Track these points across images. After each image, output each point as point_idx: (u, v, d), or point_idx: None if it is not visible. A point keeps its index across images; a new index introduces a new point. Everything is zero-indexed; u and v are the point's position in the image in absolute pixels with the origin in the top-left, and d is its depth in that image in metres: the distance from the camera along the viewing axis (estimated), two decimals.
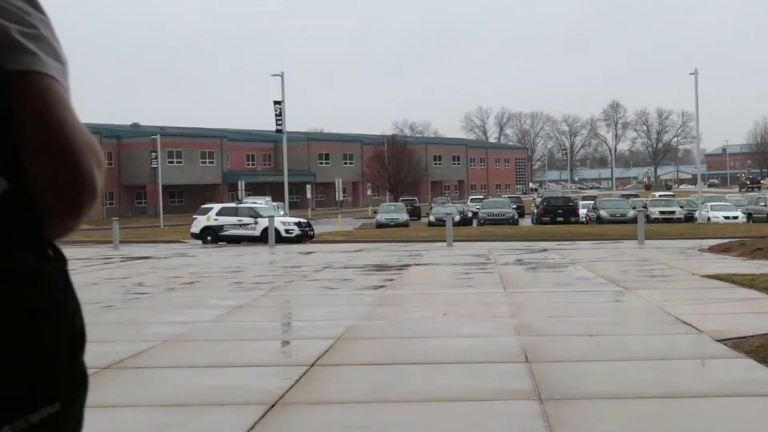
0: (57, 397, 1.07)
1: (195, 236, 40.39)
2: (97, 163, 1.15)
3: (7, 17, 1.14)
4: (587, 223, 52.94)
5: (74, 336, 1.11)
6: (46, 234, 1.08)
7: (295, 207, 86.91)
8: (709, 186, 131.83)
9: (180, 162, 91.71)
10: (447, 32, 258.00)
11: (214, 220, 40.04)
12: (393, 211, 58.75)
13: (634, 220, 39.84)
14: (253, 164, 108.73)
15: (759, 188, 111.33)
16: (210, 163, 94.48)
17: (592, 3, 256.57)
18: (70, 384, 1.10)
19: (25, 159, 1.07)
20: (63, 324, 1.08)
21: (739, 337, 9.38)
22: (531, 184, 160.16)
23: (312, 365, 8.53)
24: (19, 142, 1.07)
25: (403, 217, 56.88)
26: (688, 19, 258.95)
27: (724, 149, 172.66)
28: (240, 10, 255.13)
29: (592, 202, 60.98)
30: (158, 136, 74.76)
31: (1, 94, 1.06)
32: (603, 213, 52.12)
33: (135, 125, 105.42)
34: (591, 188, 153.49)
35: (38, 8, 1.20)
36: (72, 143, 1.12)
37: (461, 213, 57.05)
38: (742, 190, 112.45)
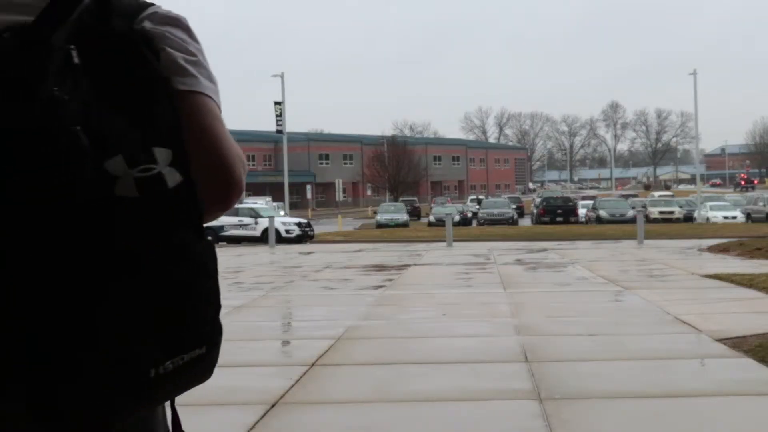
0: (204, 342, 1.33)
1: None
2: (243, 168, 1.46)
3: (173, 47, 1.44)
4: (587, 223, 52.98)
5: (217, 294, 1.36)
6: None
7: (295, 207, 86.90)
8: (712, 186, 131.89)
9: None
10: (447, 33, 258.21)
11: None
12: (393, 211, 58.75)
13: (633, 220, 39.86)
14: (253, 164, 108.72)
15: (753, 188, 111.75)
16: None
17: (592, 4, 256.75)
18: (213, 332, 1.35)
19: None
20: (216, 283, 1.36)
21: (738, 337, 9.40)
22: (531, 185, 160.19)
23: (312, 365, 8.54)
24: (185, 147, 1.33)
25: (403, 217, 56.87)
26: (688, 19, 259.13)
27: (723, 149, 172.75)
28: (240, 11, 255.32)
29: (592, 202, 61.02)
30: None
31: (173, 107, 1.35)
32: (602, 213, 52.15)
33: None
34: (590, 188, 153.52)
35: (194, 38, 1.51)
36: (225, 151, 1.42)
37: (461, 213, 57.06)
38: (737, 189, 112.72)
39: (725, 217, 50.35)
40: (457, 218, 49.20)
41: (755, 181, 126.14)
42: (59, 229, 1.22)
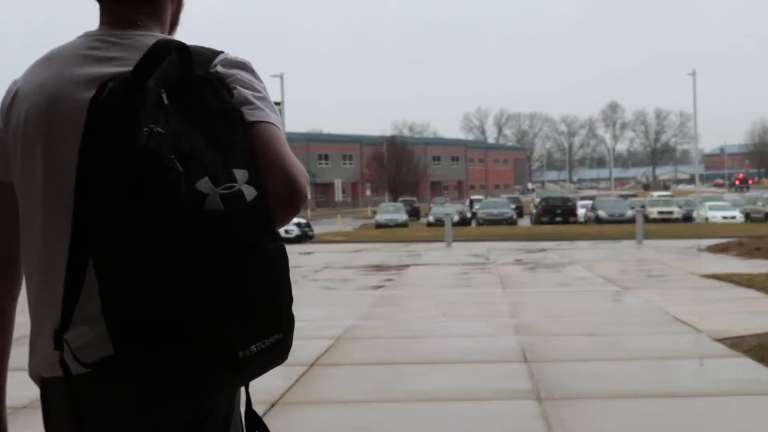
0: (281, 329, 1.62)
1: None
2: (305, 180, 1.71)
3: (243, 85, 1.77)
4: (586, 223, 52.96)
5: (289, 288, 1.66)
6: None
7: None
8: (715, 186, 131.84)
9: None
10: (446, 33, 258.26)
11: None
12: (392, 211, 58.71)
13: (632, 220, 39.83)
14: None
15: (748, 188, 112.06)
16: None
17: (591, 4, 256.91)
18: (288, 321, 1.65)
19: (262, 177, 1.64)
20: (288, 279, 1.65)
21: (737, 337, 9.41)
22: (530, 185, 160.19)
23: (312, 365, 8.55)
24: (257, 167, 1.65)
25: (402, 217, 56.81)
26: (687, 20, 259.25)
27: (722, 149, 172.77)
28: (240, 12, 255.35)
29: (591, 202, 60.98)
30: None
31: (246, 135, 1.67)
32: (601, 213, 52.13)
33: None
34: (589, 188, 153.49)
35: (258, 78, 1.84)
36: (290, 168, 1.70)
37: (460, 213, 57.04)
38: (732, 189, 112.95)
39: (724, 217, 50.32)
40: (456, 218, 49.17)
41: (750, 181, 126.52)
42: (185, 242, 1.54)
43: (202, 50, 1.79)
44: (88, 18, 2.07)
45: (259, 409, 6.14)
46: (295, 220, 40.65)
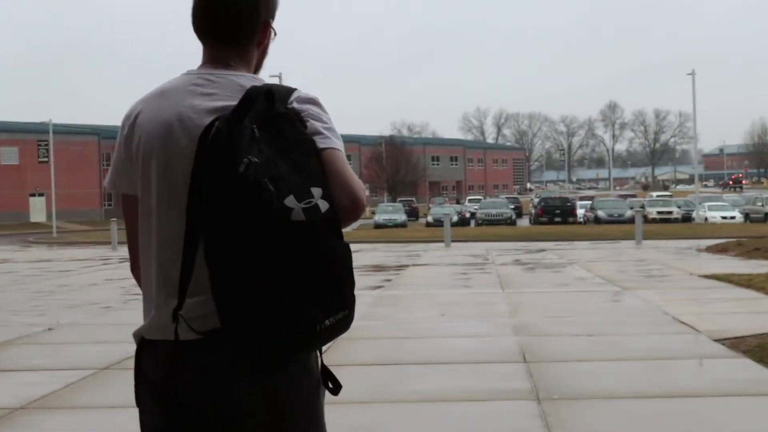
0: (347, 307, 2.14)
1: None
2: (363, 193, 2.21)
3: (314, 118, 2.23)
4: (585, 223, 52.99)
5: (352, 275, 2.17)
6: None
7: None
8: (704, 186, 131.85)
9: None
10: (445, 33, 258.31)
11: None
12: (391, 211, 58.72)
13: (631, 221, 39.83)
14: None
15: (741, 188, 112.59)
16: None
17: (590, 4, 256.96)
18: (352, 300, 2.16)
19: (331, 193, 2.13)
20: (351, 269, 2.17)
21: (736, 337, 9.40)
22: (529, 185, 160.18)
23: None
24: (327, 184, 2.13)
25: (401, 217, 56.81)
26: (686, 20, 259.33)
27: (721, 149, 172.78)
28: None
29: (590, 202, 61.01)
30: None
31: (318, 159, 2.15)
32: (600, 213, 52.14)
33: None
34: (588, 188, 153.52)
35: (324, 110, 2.29)
36: (352, 185, 2.18)
37: (459, 213, 57.03)
38: (725, 189, 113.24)
39: (723, 218, 50.31)
40: (455, 219, 49.16)
41: (744, 181, 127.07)
42: (277, 245, 2.06)
43: (280, 89, 2.26)
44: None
45: None
46: None
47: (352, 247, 2.21)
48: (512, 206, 62.56)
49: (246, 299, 2.07)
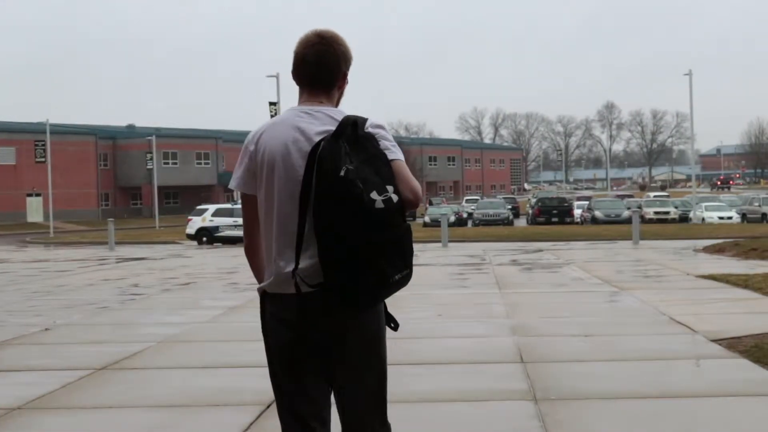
0: (408, 267, 3.21)
1: (190, 237, 40.32)
2: (420, 189, 3.25)
3: (384, 139, 3.29)
4: (582, 223, 52.98)
5: (412, 245, 3.22)
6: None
7: None
8: (710, 186, 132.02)
9: (175, 163, 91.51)
10: (442, 33, 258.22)
11: (210, 221, 39.99)
12: None
13: (628, 221, 39.87)
14: None
15: (729, 188, 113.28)
16: (205, 164, 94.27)
17: (588, 5, 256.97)
18: (411, 263, 3.22)
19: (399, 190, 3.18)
20: (411, 241, 3.22)
21: (733, 337, 9.40)
22: (526, 185, 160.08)
23: None
24: (396, 184, 3.18)
25: None
26: (683, 20, 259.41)
27: (718, 150, 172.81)
28: (238, 13, 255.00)
29: (587, 202, 60.99)
30: (153, 137, 74.48)
31: (389, 167, 3.21)
32: (598, 213, 52.14)
33: (130, 126, 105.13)
34: (586, 189, 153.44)
35: (387, 131, 3.34)
36: (412, 184, 3.22)
37: (456, 213, 56.99)
38: (713, 190, 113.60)
39: (721, 218, 50.33)
40: (452, 219, 49.13)
41: (731, 182, 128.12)
42: (365, 224, 3.08)
43: (360, 119, 3.29)
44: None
45: (254, 410, 6.09)
46: None
47: None
48: (509, 206, 62.51)
49: (344, 261, 3.14)
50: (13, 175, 78.83)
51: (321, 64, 3.43)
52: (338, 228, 3.10)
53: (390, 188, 3.13)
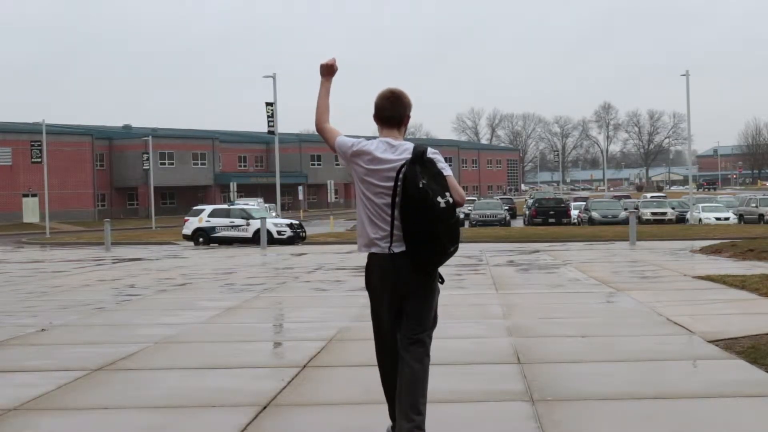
0: (457, 243, 5.39)
1: (187, 238, 40.29)
2: (463, 194, 5.53)
3: (439, 162, 5.46)
4: (579, 224, 53.00)
5: (459, 228, 5.44)
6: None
7: (287, 208, 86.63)
8: (696, 187, 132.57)
9: (172, 163, 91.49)
10: (440, 34, 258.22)
11: (206, 221, 39.95)
12: None
13: (625, 222, 39.89)
14: (245, 166, 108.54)
15: (715, 189, 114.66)
16: (202, 164, 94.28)
17: (585, 7, 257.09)
18: (458, 239, 5.40)
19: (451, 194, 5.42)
20: (458, 228, 5.44)
21: (730, 338, 9.40)
22: (524, 186, 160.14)
23: (304, 366, 8.52)
24: (450, 192, 5.39)
25: None
26: (681, 22, 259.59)
27: (715, 150, 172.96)
28: (236, 13, 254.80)
29: (584, 203, 61.01)
30: (150, 138, 74.41)
31: (446, 180, 5.38)
32: (594, 214, 52.15)
33: (127, 127, 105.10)
34: (583, 189, 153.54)
35: (440, 155, 5.52)
36: (460, 192, 5.44)
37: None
38: (700, 190, 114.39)
39: (718, 219, 50.39)
40: None
41: (717, 182, 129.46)
42: (434, 217, 5.20)
43: (424, 148, 5.32)
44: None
45: (250, 411, 6.09)
46: (287, 221, 40.63)
47: (347, 247, 2.17)
48: (506, 207, 62.51)
49: (421, 240, 5.21)
50: (9, 176, 78.77)
51: (395, 114, 5.54)
52: (416, 220, 5.18)
53: (447, 194, 5.23)
